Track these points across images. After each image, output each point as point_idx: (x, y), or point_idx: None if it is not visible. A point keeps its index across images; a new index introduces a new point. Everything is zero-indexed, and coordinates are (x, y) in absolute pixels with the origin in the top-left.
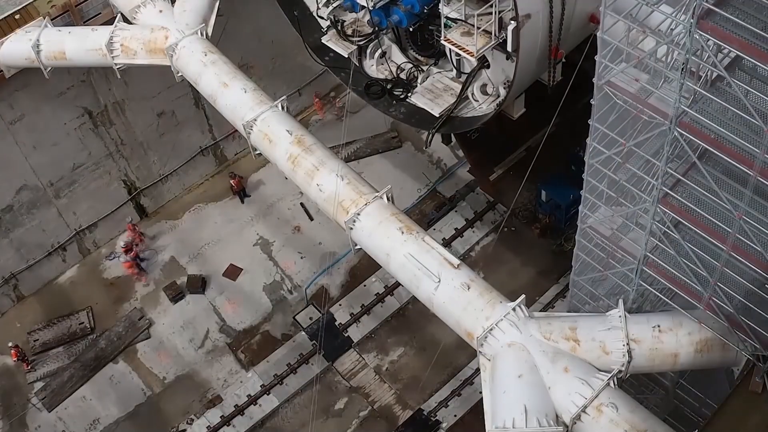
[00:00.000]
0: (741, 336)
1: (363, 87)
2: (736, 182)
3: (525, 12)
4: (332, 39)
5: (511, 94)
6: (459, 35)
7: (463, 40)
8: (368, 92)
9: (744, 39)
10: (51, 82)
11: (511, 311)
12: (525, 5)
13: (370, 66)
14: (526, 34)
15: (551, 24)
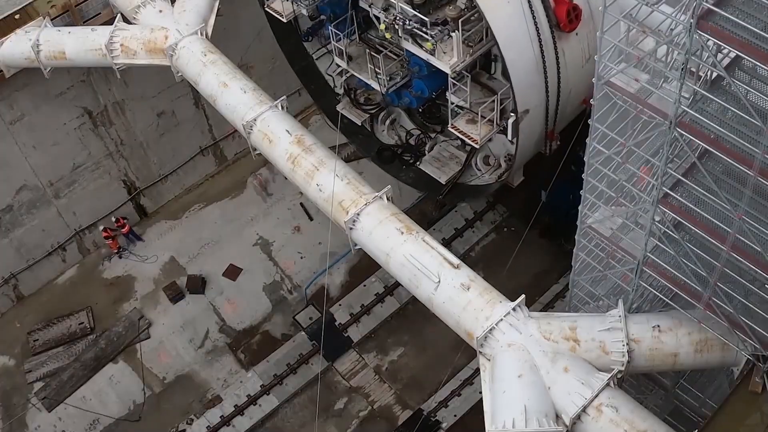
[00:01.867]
0: (741, 336)
1: (375, 152)
2: (735, 182)
3: (524, 108)
4: (346, 107)
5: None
6: (464, 123)
7: (467, 128)
8: (380, 157)
9: (744, 39)
10: (51, 82)
11: (510, 311)
12: (523, 102)
13: (381, 131)
14: (525, 127)
15: (547, 115)
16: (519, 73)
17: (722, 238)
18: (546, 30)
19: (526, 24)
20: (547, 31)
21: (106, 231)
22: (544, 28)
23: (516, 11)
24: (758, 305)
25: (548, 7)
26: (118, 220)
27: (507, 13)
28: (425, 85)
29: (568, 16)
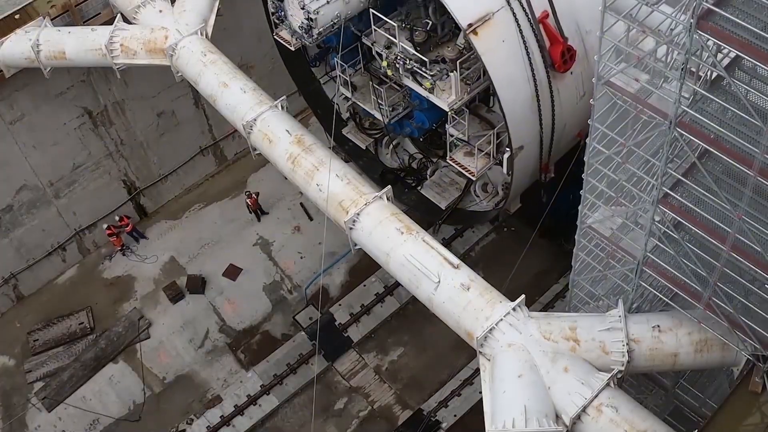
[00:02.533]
0: (741, 336)
1: (378, 175)
2: (735, 182)
3: (519, 144)
4: (352, 131)
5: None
6: (462, 155)
7: (465, 160)
8: (383, 179)
9: (744, 39)
10: (51, 82)
11: (510, 311)
12: (518, 139)
13: (384, 154)
14: (520, 161)
15: (542, 150)
16: (514, 112)
17: (722, 238)
18: (541, 70)
19: (522, 65)
20: (542, 71)
21: (110, 228)
22: (539, 68)
23: (512, 52)
24: (758, 305)
25: (543, 48)
26: (122, 218)
27: (503, 55)
28: (426, 117)
29: (562, 57)
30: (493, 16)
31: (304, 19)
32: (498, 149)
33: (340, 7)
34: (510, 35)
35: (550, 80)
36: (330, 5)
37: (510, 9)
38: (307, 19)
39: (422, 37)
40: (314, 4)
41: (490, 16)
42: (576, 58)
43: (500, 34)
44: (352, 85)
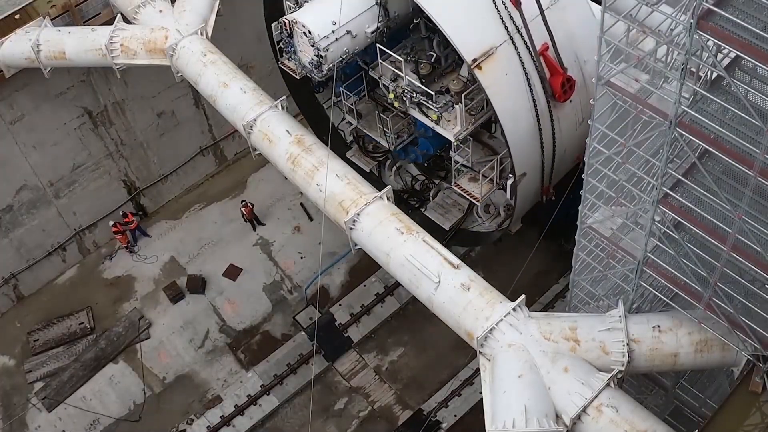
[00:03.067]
0: (741, 336)
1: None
2: (735, 182)
3: (521, 171)
4: (356, 154)
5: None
6: (466, 181)
7: (469, 186)
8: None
9: (744, 39)
10: (51, 82)
11: (511, 311)
12: (521, 166)
13: (388, 176)
14: (522, 187)
15: (543, 175)
16: (517, 141)
17: (722, 239)
18: (542, 100)
19: (524, 96)
20: (543, 101)
21: (115, 226)
22: (540, 98)
23: (514, 84)
24: (758, 305)
25: (544, 79)
26: (127, 215)
27: (506, 87)
28: (430, 144)
29: (562, 87)
30: (496, 51)
31: (314, 56)
32: (501, 175)
33: (348, 44)
34: (512, 68)
35: (550, 110)
36: (339, 42)
37: (512, 42)
38: (317, 56)
39: (427, 70)
40: (324, 41)
41: (494, 51)
42: (575, 87)
43: (503, 67)
44: (357, 112)
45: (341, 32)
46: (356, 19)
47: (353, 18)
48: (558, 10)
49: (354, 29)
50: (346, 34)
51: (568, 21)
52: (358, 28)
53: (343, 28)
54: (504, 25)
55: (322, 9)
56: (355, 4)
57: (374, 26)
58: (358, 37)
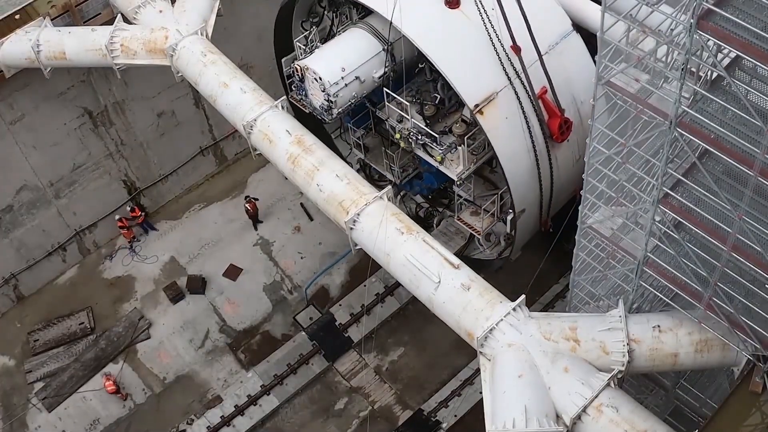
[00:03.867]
0: (741, 336)
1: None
2: (736, 182)
3: (521, 208)
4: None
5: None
6: (468, 215)
7: (471, 220)
8: None
9: (744, 39)
10: (51, 82)
11: (511, 311)
12: (520, 203)
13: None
14: (521, 222)
15: (541, 209)
16: (516, 180)
17: (723, 239)
18: (540, 141)
19: (523, 137)
20: (541, 142)
21: (121, 221)
22: (538, 139)
23: (514, 127)
24: (758, 305)
25: (542, 121)
26: (134, 209)
27: (506, 130)
28: (435, 178)
29: (560, 128)
30: (496, 96)
31: (324, 101)
32: (501, 209)
33: (356, 88)
34: (512, 112)
35: (548, 149)
36: (348, 87)
37: (512, 87)
38: (327, 101)
39: (432, 111)
40: (334, 87)
41: (494, 96)
42: (572, 128)
43: (503, 111)
44: (364, 146)
45: (350, 78)
46: (364, 65)
47: (362, 64)
48: (556, 55)
49: (362, 75)
50: (355, 80)
51: (566, 64)
52: (366, 73)
53: (351, 74)
54: (504, 71)
55: (333, 55)
56: (363, 50)
57: (381, 71)
58: (366, 82)
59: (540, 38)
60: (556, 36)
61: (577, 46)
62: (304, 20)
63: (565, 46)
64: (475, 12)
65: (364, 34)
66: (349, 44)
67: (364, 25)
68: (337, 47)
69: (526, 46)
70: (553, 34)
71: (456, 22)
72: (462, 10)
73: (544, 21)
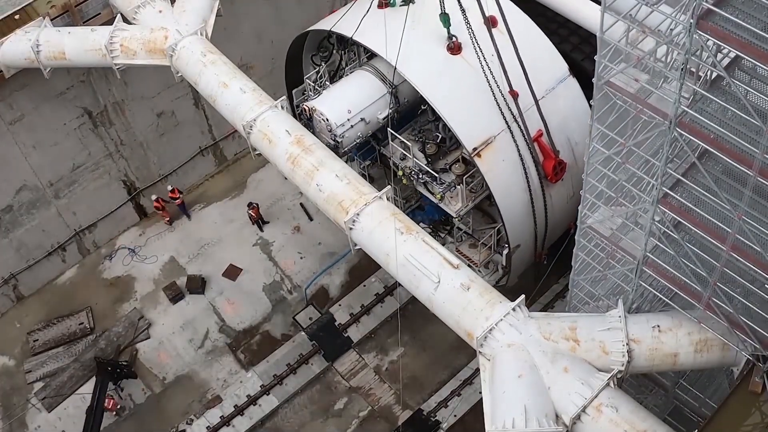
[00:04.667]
0: (741, 336)
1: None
2: (735, 182)
3: (515, 243)
4: None
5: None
6: (467, 247)
7: (470, 252)
8: None
9: (743, 39)
10: (51, 83)
11: (510, 311)
12: (515, 239)
13: None
14: (517, 256)
15: (536, 244)
16: (512, 218)
17: (722, 239)
18: (535, 181)
19: (519, 178)
20: (536, 182)
21: (158, 201)
22: (533, 180)
23: (510, 168)
24: (758, 305)
25: (538, 162)
26: (174, 189)
27: (503, 172)
28: (436, 211)
29: (554, 170)
30: (494, 139)
31: (330, 140)
32: (498, 243)
33: (362, 129)
34: (509, 154)
35: (543, 189)
36: (354, 128)
37: (509, 131)
38: (334, 140)
39: (433, 150)
40: (340, 129)
41: (492, 140)
42: (566, 168)
43: (501, 154)
44: (369, 176)
45: (356, 119)
46: (370, 107)
47: (367, 106)
48: (552, 98)
49: (368, 116)
50: (361, 121)
51: (562, 107)
52: (372, 114)
53: (357, 116)
54: (502, 115)
55: (339, 97)
56: (369, 92)
57: (386, 112)
58: (371, 123)
59: (537, 83)
60: (553, 81)
61: (573, 89)
62: (314, 54)
63: (562, 89)
64: (476, 58)
65: (369, 77)
66: (356, 86)
67: (369, 67)
68: (343, 89)
69: (524, 90)
70: (550, 78)
71: (457, 68)
72: (463, 56)
73: (541, 66)
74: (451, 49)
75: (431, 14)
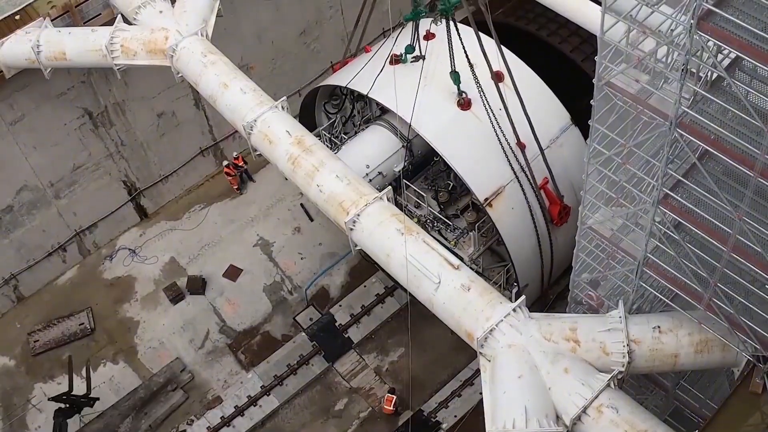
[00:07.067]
0: (741, 337)
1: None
2: (736, 183)
3: (524, 283)
4: None
5: None
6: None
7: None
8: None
9: (744, 40)
10: (51, 83)
11: (511, 312)
12: (524, 279)
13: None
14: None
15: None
16: (520, 260)
17: (723, 239)
18: (542, 225)
19: (527, 223)
20: (543, 226)
21: (228, 167)
22: (540, 224)
23: (519, 215)
24: (758, 306)
25: (544, 208)
26: (239, 156)
27: (512, 219)
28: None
29: (559, 214)
30: (504, 189)
31: None
32: (507, 281)
33: (379, 182)
34: (518, 202)
35: (549, 232)
36: (372, 182)
37: (517, 180)
38: None
39: (445, 198)
40: None
41: (502, 189)
42: (571, 212)
43: (510, 202)
44: None
45: (374, 174)
46: (386, 162)
47: (384, 161)
48: (556, 147)
49: (384, 170)
50: (378, 175)
51: (565, 155)
52: (388, 168)
53: (375, 171)
54: (510, 166)
55: (358, 153)
56: (385, 147)
57: (401, 165)
58: (388, 176)
59: (542, 133)
60: (557, 130)
61: (575, 137)
62: (326, 102)
63: (565, 138)
64: (485, 113)
65: (385, 132)
66: (372, 142)
67: (384, 122)
68: (361, 146)
69: (531, 140)
70: (554, 128)
71: (468, 123)
72: (473, 111)
73: (545, 116)
74: (461, 105)
75: (441, 70)
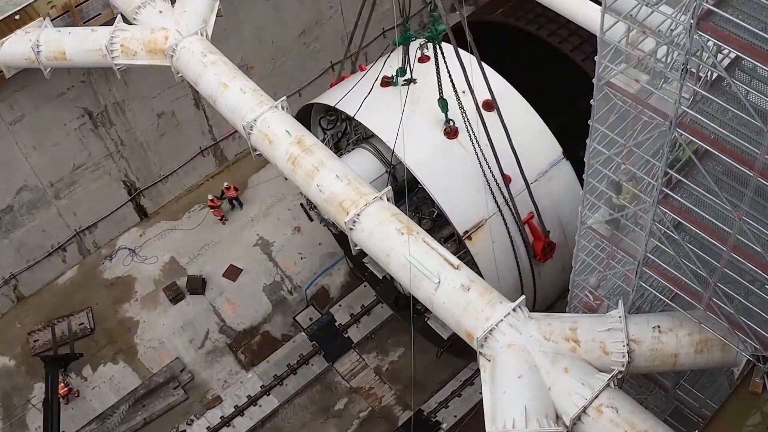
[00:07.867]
0: (741, 336)
1: (392, 300)
2: (736, 183)
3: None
4: (371, 262)
5: None
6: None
7: None
8: (396, 304)
9: (744, 39)
10: (51, 83)
11: (511, 312)
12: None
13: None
14: None
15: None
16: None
17: (723, 239)
18: (525, 261)
19: (509, 258)
20: (525, 261)
21: (212, 200)
22: (523, 259)
23: (500, 249)
24: (758, 305)
25: (528, 243)
26: (230, 187)
27: (493, 253)
28: None
29: (543, 251)
30: (485, 222)
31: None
32: None
33: None
34: (499, 237)
35: (532, 268)
36: None
37: (500, 214)
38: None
39: (428, 226)
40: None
41: (483, 223)
42: (555, 248)
43: (491, 236)
44: None
45: None
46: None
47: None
48: (545, 181)
49: None
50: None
51: (554, 189)
52: None
53: None
54: (494, 199)
55: None
56: (368, 172)
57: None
58: None
59: (530, 166)
60: (546, 163)
61: (566, 171)
62: (321, 117)
63: (555, 172)
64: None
65: (369, 157)
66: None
67: (369, 146)
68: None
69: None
70: (543, 161)
71: (453, 152)
72: (459, 140)
73: (535, 148)
74: (447, 134)
75: (431, 95)
